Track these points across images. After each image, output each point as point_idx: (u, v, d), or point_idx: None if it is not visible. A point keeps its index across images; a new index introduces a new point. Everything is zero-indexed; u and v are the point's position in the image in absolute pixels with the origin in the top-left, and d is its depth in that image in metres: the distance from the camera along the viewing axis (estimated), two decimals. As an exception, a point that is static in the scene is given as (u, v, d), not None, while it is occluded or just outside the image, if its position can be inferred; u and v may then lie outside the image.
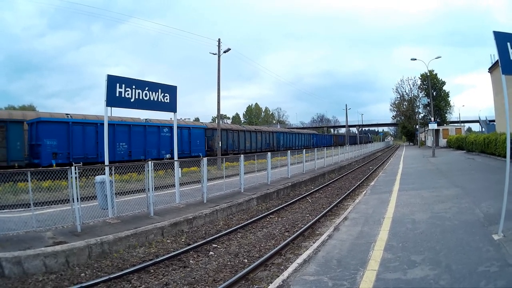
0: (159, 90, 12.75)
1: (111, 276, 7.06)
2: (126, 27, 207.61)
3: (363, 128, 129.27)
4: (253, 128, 54.32)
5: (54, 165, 21.45)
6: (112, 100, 11.23)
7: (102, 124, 23.59)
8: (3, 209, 11.58)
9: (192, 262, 8.14)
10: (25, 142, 23.05)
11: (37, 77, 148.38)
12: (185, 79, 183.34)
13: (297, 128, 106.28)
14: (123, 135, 27.42)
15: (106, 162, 11.19)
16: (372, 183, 18.82)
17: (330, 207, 13.60)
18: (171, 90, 13.29)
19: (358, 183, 20.83)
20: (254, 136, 48.48)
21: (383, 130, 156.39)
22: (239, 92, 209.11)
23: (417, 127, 77.22)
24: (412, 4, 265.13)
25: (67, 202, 9.81)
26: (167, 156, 29.91)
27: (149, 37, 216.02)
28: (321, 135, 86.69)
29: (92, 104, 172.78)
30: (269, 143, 51.87)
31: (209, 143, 38.19)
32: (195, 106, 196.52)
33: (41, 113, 25.57)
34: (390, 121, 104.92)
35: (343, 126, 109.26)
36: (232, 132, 43.85)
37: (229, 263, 8.05)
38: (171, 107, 13.36)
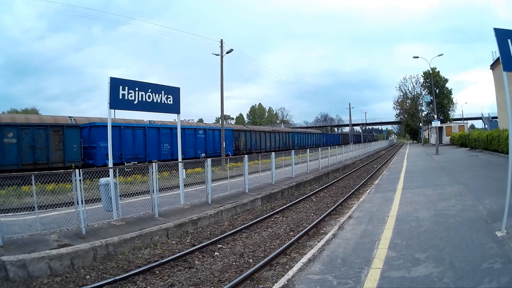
0: (162, 91, 12.78)
1: (117, 277, 7.09)
2: (125, 28, 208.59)
3: (368, 127, 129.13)
4: (271, 129, 57.36)
5: (107, 165, 22.52)
6: (115, 102, 11.26)
7: (150, 127, 27.75)
8: (8, 213, 11.63)
9: (197, 262, 8.17)
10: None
11: (37, 79, 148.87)
12: (187, 79, 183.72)
13: (301, 127, 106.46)
14: (166, 137, 30.14)
15: (110, 165, 11.23)
16: (376, 181, 18.81)
17: (335, 206, 13.60)
18: (174, 92, 13.31)
19: (362, 181, 20.82)
20: (273, 136, 51.93)
21: (386, 128, 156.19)
22: (240, 92, 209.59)
23: (421, 124, 77.10)
24: (412, 1, 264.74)
25: (72, 205, 9.86)
26: (202, 155, 33.49)
27: (149, 38, 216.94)
28: (330, 134, 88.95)
29: (93, 106, 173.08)
30: (285, 142, 54.88)
31: (235, 143, 41.79)
32: (197, 107, 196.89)
33: (93, 118, 26.94)
34: (393, 119, 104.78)
35: (347, 125, 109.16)
36: (255, 133, 47.84)
37: (234, 263, 8.08)
38: (175, 108, 13.40)
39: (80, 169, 9.21)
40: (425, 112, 75.94)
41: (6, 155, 21.17)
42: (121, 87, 11.36)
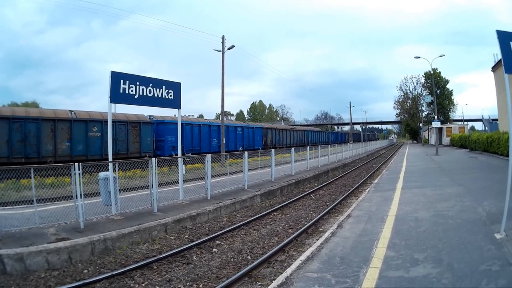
0: (163, 86, 12.75)
1: (114, 272, 7.09)
2: (126, 23, 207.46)
3: (368, 126, 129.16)
4: (289, 127, 67.08)
5: (174, 155, 26.22)
6: (116, 96, 11.22)
7: (203, 125, 35.99)
8: (6, 206, 11.62)
9: (195, 258, 8.16)
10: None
11: (37, 73, 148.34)
12: (188, 76, 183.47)
13: (301, 125, 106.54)
14: (215, 133, 36.60)
15: (110, 158, 11.21)
16: (376, 180, 18.81)
17: (334, 204, 13.60)
18: (175, 87, 13.28)
19: (362, 180, 20.80)
20: (293, 134, 59.68)
21: (386, 128, 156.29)
22: (240, 89, 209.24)
23: (421, 125, 77.07)
24: (415, 3, 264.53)
25: (70, 199, 9.84)
26: (240, 148, 40.31)
27: (150, 33, 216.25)
28: (338, 133, 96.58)
29: (92, 101, 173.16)
30: (302, 139, 61.80)
31: (264, 139, 48.56)
32: (197, 103, 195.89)
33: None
34: (393, 119, 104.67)
35: (347, 124, 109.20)
36: (279, 131, 55.61)
37: (232, 260, 8.07)
38: (175, 103, 13.37)
39: (79, 163, 9.19)
40: (426, 113, 75.98)
41: (91, 146, 24.88)
42: (122, 81, 11.31)
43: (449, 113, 75.70)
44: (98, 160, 19.99)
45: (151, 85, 12.24)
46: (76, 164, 9.07)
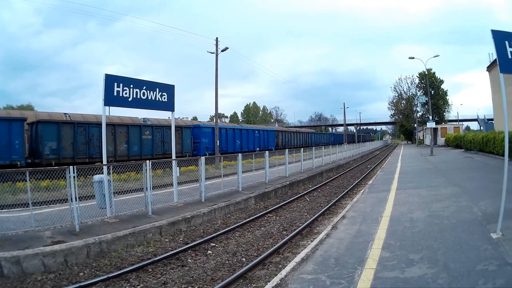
0: (157, 89, 12.72)
1: (110, 275, 7.06)
2: (122, 25, 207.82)
3: (362, 127, 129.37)
4: (295, 129, 76.59)
5: (208, 154, 30.48)
6: (110, 99, 11.19)
7: (229, 128, 43.91)
8: (2, 209, 11.55)
9: (190, 261, 8.15)
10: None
11: (34, 75, 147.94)
12: (183, 77, 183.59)
13: (295, 127, 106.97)
14: (237, 135, 42.97)
15: (104, 161, 11.16)
16: (370, 181, 18.83)
17: (328, 205, 13.57)
18: (169, 89, 13.26)
19: (356, 181, 20.79)
20: (299, 136, 67.16)
21: (381, 128, 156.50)
22: (235, 91, 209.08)
23: (415, 125, 77.24)
24: (415, 2, 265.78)
25: (66, 202, 9.80)
26: (257, 148, 45.07)
27: (146, 35, 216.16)
28: (337, 134, 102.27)
29: (89, 103, 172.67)
30: (306, 140, 68.25)
31: (276, 141, 54.22)
32: (193, 105, 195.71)
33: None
34: (388, 119, 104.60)
35: (341, 125, 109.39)
36: (288, 133, 63.08)
37: (227, 262, 8.06)
38: (169, 106, 13.35)
39: (74, 166, 9.16)
40: (420, 113, 76.09)
41: (144, 147, 29.05)
42: (116, 84, 11.27)
43: (444, 113, 75.79)
44: (150, 159, 21.20)
45: (144, 87, 12.21)
46: (71, 167, 9.04)
